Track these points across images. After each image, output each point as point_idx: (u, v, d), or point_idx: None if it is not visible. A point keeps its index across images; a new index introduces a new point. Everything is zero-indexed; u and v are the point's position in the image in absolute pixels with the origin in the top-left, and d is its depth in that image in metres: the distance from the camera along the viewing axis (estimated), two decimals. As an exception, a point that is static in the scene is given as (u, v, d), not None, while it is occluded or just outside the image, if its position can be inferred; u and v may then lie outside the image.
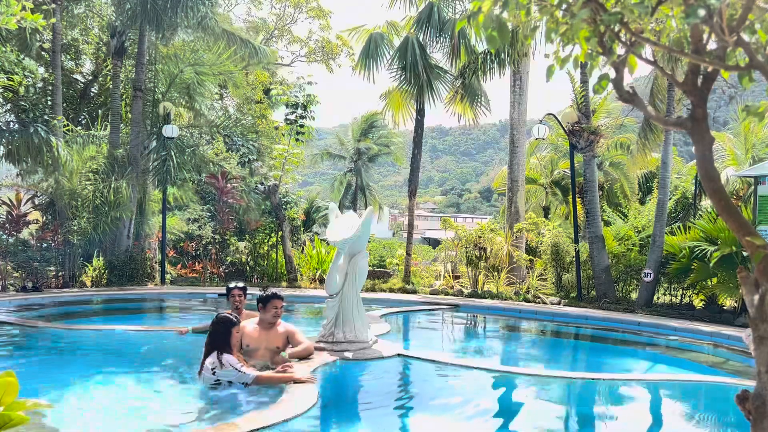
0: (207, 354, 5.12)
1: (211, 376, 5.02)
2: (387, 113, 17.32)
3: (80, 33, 17.15)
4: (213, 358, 5.07)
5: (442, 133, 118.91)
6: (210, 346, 5.12)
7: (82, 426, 4.47)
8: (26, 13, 5.33)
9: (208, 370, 5.03)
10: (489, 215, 48.21)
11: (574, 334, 10.19)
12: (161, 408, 4.76)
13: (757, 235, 2.12)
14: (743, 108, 2.11)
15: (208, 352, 5.12)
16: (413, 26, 15.00)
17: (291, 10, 27.69)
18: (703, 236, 10.80)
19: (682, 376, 7.12)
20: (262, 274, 14.71)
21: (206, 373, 5.05)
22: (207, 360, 5.09)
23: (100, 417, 4.72)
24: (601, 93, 4.18)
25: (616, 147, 21.41)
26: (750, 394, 2.16)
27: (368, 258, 7.24)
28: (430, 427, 4.85)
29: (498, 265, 13.65)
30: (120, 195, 12.99)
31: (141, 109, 14.38)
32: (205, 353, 5.16)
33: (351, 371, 6.48)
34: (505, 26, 2.12)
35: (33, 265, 11.85)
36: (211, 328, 5.23)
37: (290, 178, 17.09)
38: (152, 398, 5.02)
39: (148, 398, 5.08)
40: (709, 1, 1.83)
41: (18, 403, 2.79)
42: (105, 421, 4.64)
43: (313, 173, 65.82)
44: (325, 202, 27.79)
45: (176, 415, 4.61)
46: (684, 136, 21.53)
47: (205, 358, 5.11)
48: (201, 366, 5.13)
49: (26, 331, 8.19)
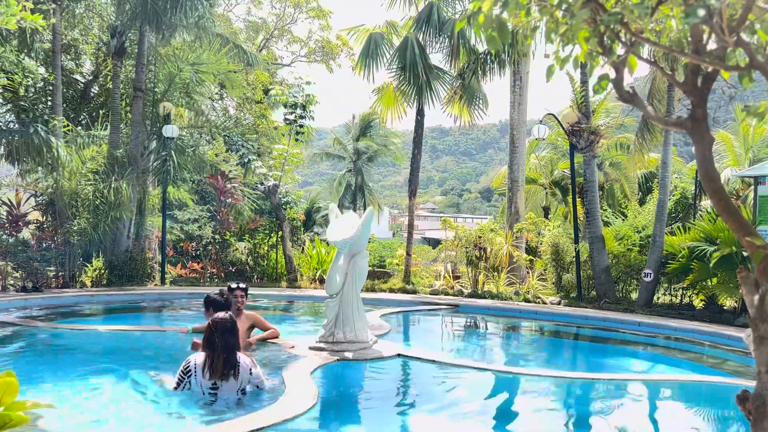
0: (227, 357, 4.85)
1: (248, 377, 4.90)
2: (377, 108, 17.28)
3: (80, 33, 17.15)
4: (248, 360, 4.98)
5: (442, 133, 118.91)
6: (229, 349, 4.89)
7: (82, 426, 4.47)
8: (26, 14, 5.33)
9: (246, 371, 4.90)
10: (489, 215, 48.22)
11: (574, 335, 10.19)
12: (161, 408, 4.76)
13: (757, 235, 2.12)
14: (743, 108, 2.11)
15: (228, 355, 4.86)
16: (413, 26, 15.00)
17: (291, 10, 27.70)
18: (702, 236, 10.80)
19: (682, 376, 7.12)
20: (262, 274, 14.71)
21: (244, 374, 4.88)
22: (244, 360, 4.94)
23: (100, 417, 4.72)
24: (601, 93, 4.19)
25: (616, 147, 21.42)
26: (750, 394, 2.16)
27: (368, 258, 7.24)
28: (429, 427, 4.85)
29: (498, 265, 13.65)
30: (120, 195, 12.98)
31: (141, 109, 14.38)
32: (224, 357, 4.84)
33: (351, 371, 6.48)
34: (505, 26, 2.12)
35: (33, 265, 11.85)
36: (223, 329, 4.92)
37: (290, 178, 17.09)
38: (152, 398, 5.02)
39: (148, 398, 5.07)
40: (709, 1, 1.83)
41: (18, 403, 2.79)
42: (105, 421, 4.64)
43: (313, 173, 65.87)
44: (325, 202, 27.80)
45: (176, 415, 4.61)
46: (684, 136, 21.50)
47: (227, 362, 4.85)
48: (225, 370, 4.83)
49: (26, 331, 8.19)
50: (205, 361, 4.85)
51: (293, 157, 15.72)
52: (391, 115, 16.97)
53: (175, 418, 4.55)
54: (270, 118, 21.57)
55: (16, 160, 12.87)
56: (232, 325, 4.97)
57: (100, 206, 12.89)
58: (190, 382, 4.83)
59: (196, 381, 4.82)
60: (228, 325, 4.93)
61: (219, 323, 4.93)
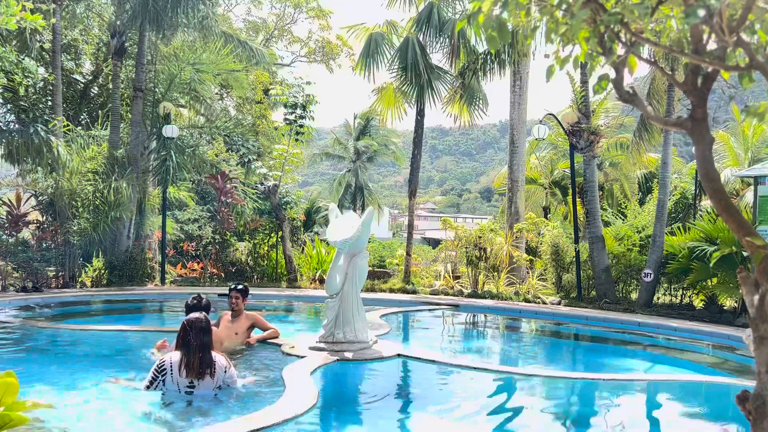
0: (202, 356, 4.94)
1: (223, 375, 5.00)
2: (378, 108, 17.29)
3: (80, 33, 17.16)
4: (223, 359, 5.09)
5: (442, 133, 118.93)
6: (204, 348, 4.97)
7: (82, 426, 4.47)
8: (26, 14, 5.33)
9: (222, 369, 5.00)
10: (489, 215, 48.20)
11: (574, 335, 10.19)
12: (161, 408, 4.76)
13: (757, 235, 2.12)
14: (742, 110, 2.11)
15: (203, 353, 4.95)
16: (413, 26, 15.00)
17: (291, 10, 27.72)
18: (702, 236, 10.80)
19: (682, 376, 7.12)
20: (262, 274, 14.71)
21: (220, 372, 4.98)
22: (220, 359, 5.04)
23: (100, 417, 4.72)
24: (601, 93, 4.19)
25: (616, 147, 21.43)
26: (750, 394, 2.16)
27: (368, 258, 7.24)
28: (429, 427, 4.85)
29: (498, 265, 13.65)
30: (120, 195, 12.98)
31: (141, 109, 14.38)
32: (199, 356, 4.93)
33: (351, 371, 6.48)
34: (505, 26, 2.12)
35: (33, 266, 11.85)
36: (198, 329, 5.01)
37: (290, 178, 17.08)
38: (152, 398, 5.02)
39: (148, 398, 5.07)
40: (709, 1, 1.84)
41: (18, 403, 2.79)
42: (105, 421, 4.64)
43: (313, 173, 65.88)
44: (325, 203, 27.80)
45: (176, 415, 4.61)
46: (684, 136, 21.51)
47: (203, 361, 4.94)
48: (200, 368, 4.92)
49: (26, 331, 8.19)
50: (181, 360, 4.91)
51: (293, 157, 15.71)
52: (391, 115, 16.99)
53: (175, 418, 4.55)
54: (270, 118, 21.57)
55: (16, 160, 12.86)
56: (207, 324, 5.07)
57: (100, 206, 12.89)
58: (164, 381, 4.90)
59: (172, 379, 4.88)
60: (202, 324, 5.02)
61: (194, 323, 5.03)
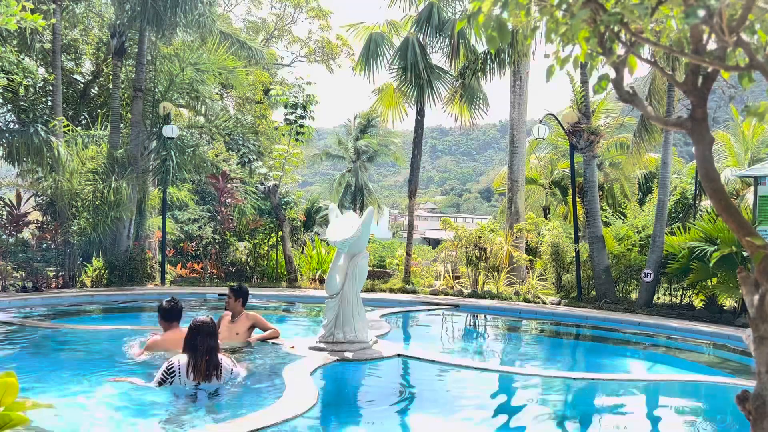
0: (209, 359, 5.00)
1: (230, 376, 5.14)
2: (378, 108, 17.28)
3: (80, 33, 17.15)
4: (229, 360, 5.22)
5: (442, 133, 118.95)
6: (211, 351, 5.03)
7: (82, 426, 4.47)
8: (26, 14, 5.34)
9: (228, 371, 5.14)
10: (489, 215, 48.21)
11: (574, 335, 10.19)
12: (162, 407, 4.76)
13: (757, 235, 2.12)
14: (741, 110, 2.11)
15: (210, 356, 5.01)
16: (413, 26, 15.00)
17: (291, 10, 27.71)
18: (702, 236, 10.80)
19: (682, 376, 7.12)
20: (262, 274, 14.71)
21: (227, 375, 5.11)
22: (225, 361, 5.17)
23: (100, 417, 4.72)
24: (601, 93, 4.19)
25: (616, 147, 21.44)
26: (750, 394, 2.16)
27: (368, 258, 7.24)
28: (429, 427, 4.85)
29: (498, 265, 13.65)
30: (120, 195, 12.98)
31: (141, 109, 14.37)
32: (206, 359, 4.99)
33: (351, 371, 6.48)
34: (505, 26, 2.12)
35: (33, 266, 11.85)
36: (206, 332, 5.06)
37: (290, 178, 17.08)
38: (153, 397, 5.01)
39: (148, 397, 5.07)
40: (709, 1, 1.84)
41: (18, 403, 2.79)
42: (105, 420, 4.63)
43: (313, 173, 65.89)
44: (325, 203, 27.81)
45: (176, 415, 4.61)
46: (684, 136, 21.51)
47: (210, 363, 5.00)
48: (207, 371, 4.98)
49: (26, 331, 8.19)
50: (188, 362, 4.96)
51: (293, 157, 15.72)
52: (391, 116, 16.97)
53: (175, 418, 4.55)
54: (270, 118, 21.57)
55: (16, 160, 12.86)
56: (213, 328, 5.12)
57: (100, 206, 12.89)
58: (172, 383, 4.95)
59: (180, 381, 4.93)
60: (210, 329, 5.07)
61: (201, 326, 5.06)
